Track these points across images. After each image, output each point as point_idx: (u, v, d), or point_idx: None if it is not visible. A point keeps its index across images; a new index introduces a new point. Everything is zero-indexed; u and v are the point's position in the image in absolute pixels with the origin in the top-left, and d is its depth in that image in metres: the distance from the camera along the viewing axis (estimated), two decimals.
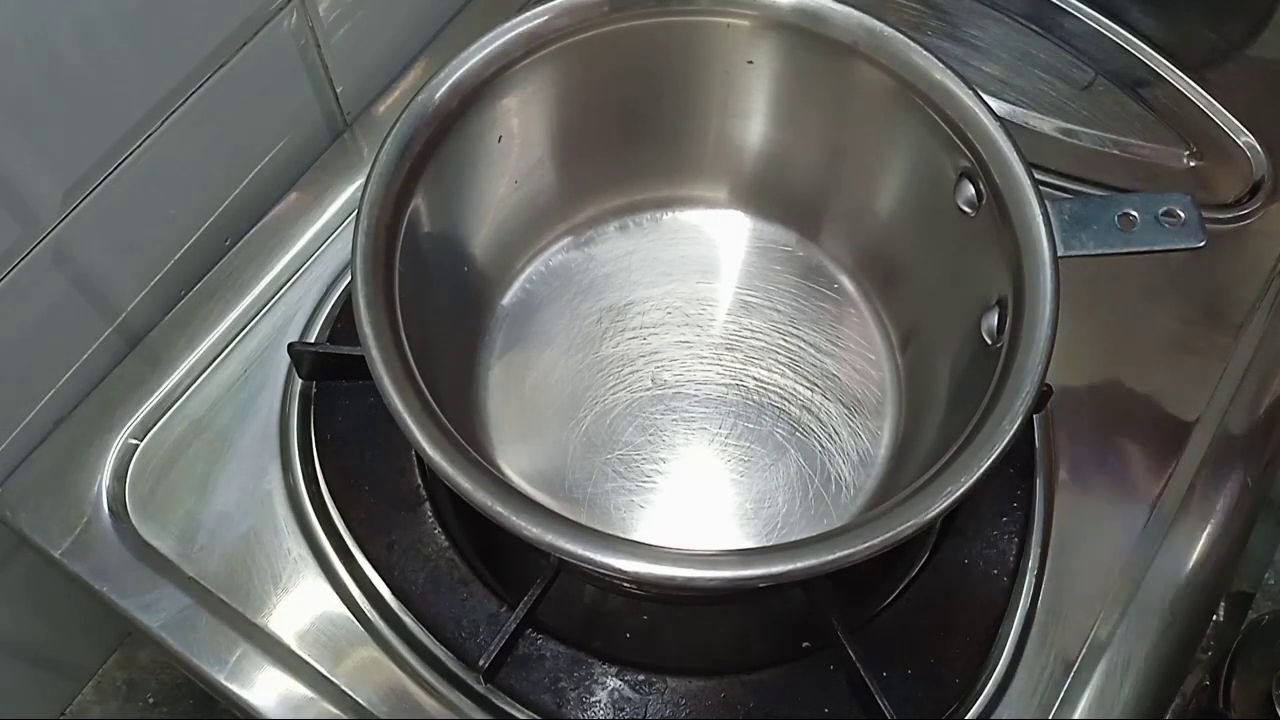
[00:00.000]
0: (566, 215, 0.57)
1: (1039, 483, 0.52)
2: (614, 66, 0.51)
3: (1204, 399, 0.55)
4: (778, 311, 0.56)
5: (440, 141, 0.46)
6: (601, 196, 0.57)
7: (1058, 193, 0.60)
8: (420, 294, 0.46)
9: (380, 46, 0.62)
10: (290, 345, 0.52)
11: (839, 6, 0.47)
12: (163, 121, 0.50)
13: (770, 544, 0.41)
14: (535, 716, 0.46)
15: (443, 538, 0.49)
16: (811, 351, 0.55)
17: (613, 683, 0.46)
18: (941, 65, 0.46)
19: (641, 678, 0.46)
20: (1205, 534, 0.52)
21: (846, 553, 0.37)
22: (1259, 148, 0.63)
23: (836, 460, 0.53)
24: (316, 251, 0.57)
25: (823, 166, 0.54)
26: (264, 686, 0.48)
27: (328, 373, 0.52)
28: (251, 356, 0.54)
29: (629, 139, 0.55)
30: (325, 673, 0.48)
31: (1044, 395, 0.48)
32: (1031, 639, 0.49)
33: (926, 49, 0.46)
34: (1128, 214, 0.44)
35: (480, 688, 0.47)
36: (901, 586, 0.49)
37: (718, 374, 0.54)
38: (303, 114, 0.59)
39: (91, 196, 0.49)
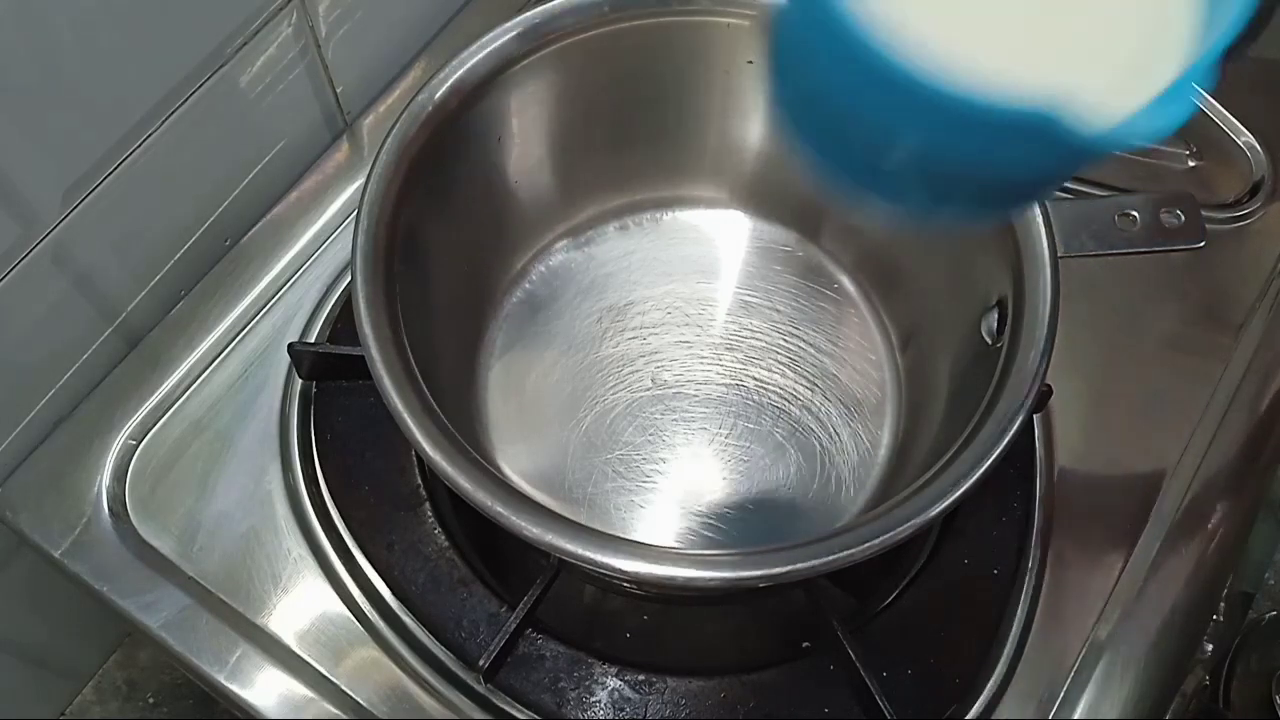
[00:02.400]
0: (566, 215, 0.57)
1: (1039, 483, 0.52)
2: (614, 66, 0.51)
3: (1204, 399, 0.55)
4: (778, 311, 0.56)
5: (440, 141, 0.46)
6: (601, 196, 0.57)
7: (1058, 192, 0.60)
8: (420, 294, 0.46)
9: (380, 46, 0.62)
10: (290, 345, 0.52)
11: None
12: (163, 121, 0.50)
13: (770, 544, 0.41)
14: (535, 716, 0.46)
15: (443, 538, 0.49)
16: (811, 351, 0.55)
17: (613, 683, 0.46)
18: None
19: (641, 678, 0.46)
20: (1205, 534, 0.52)
21: (846, 553, 0.37)
22: (1259, 148, 0.63)
23: (836, 460, 0.53)
24: (316, 251, 0.57)
25: None
26: (264, 686, 0.48)
27: (328, 373, 0.52)
28: (251, 356, 0.54)
29: (629, 139, 0.55)
30: (325, 673, 0.48)
31: (1044, 395, 0.48)
32: (1031, 639, 0.49)
33: None
34: (1128, 214, 0.44)
35: (480, 688, 0.47)
36: (901, 586, 0.49)
37: (718, 374, 0.54)
38: (303, 114, 0.59)
39: (91, 196, 0.49)
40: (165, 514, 0.51)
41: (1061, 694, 0.48)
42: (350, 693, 0.47)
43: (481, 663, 0.45)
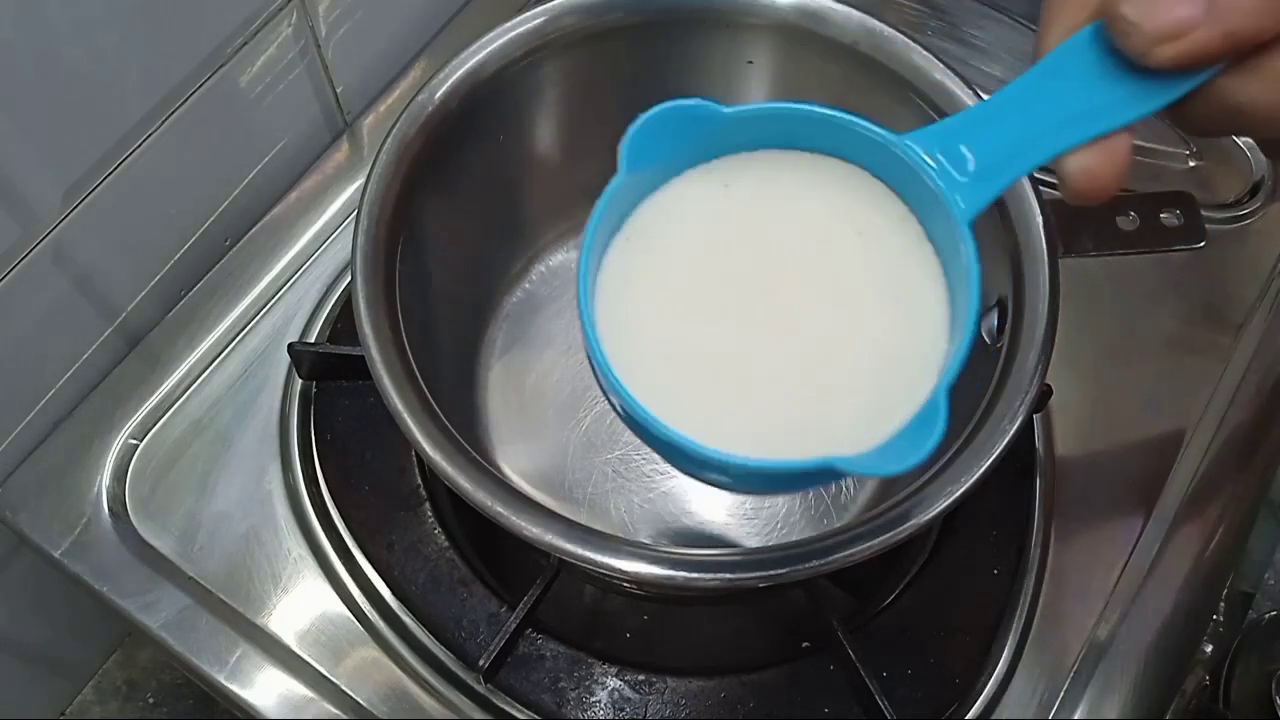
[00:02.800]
0: (566, 215, 0.57)
1: (1039, 483, 0.52)
2: (614, 66, 0.51)
3: (1204, 399, 0.55)
4: None
5: (440, 141, 0.46)
6: None
7: (1058, 193, 0.60)
8: (420, 294, 0.46)
9: (380, 46, 0.62)
10: (290, 345, 0.52)
11: (839, 6, 0.47)
12: (163, 121, 0.50)
13: (770, 544, 0.41)
14: (535, 716, 0.46)
15: (443, 538, 0.49)
16: None
17: (613, 683, 0.46)
18: (941, 65, 0.46)
19: (641, 678, 0.46)
20: (1205, 534, 0.52)
21: (846, 553, 0.37)
22: (1259, 147, 0.63)
23: None
24: (316, 251, 0.57)
25: None
26: (264, 686, 0.48)
27: (328, 373, 0.52)
28: (251, 356, 0.54)
29: None
30: (325, 673, 0.48)
31: (1044, 395, 0.48)
32: (1031, 639, 0.49)
33: (926, 49, 0.46)
34: (1128, 214, 0.44)
35: (480, 688, 0.47)
36: (901, 586, 0.49)
37: None
38: (303, 114, 0.59)
39: (91, 196, 0.49)
40: (165, 514, 0.51)
41: (1061, 694, 0.48)
42: (350, 693, 0.47)
43: (481, 663, 0.45)
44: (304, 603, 0.49)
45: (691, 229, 0.33)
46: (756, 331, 0.32)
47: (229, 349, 0.55)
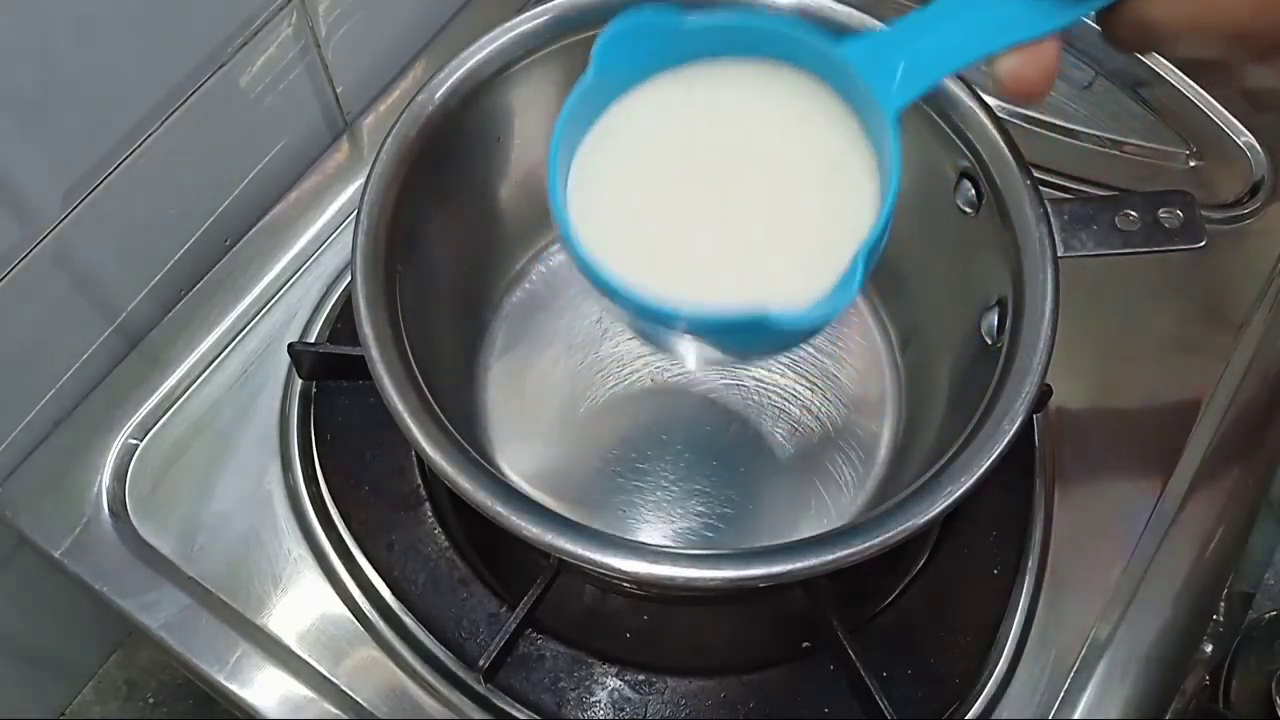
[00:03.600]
0: None
1: (1039, 483, 0.52)
2: None
3: (1204, 399, 0.55)
4: None
5: (440, 141, 0.46)
6: None
7: (1058, 193, 0.60)
8: (420, 294, 0.46)
9: (380, 46, 0.62)
10: (290, 345, 0.52)
11: (839, 6, 0.47)
12: (163, 121, 0.50)
13: (770, 544, 0.41)
14: (535, 716, 0.46)
15: (443, 538, 0.49)
16: (811, 351, 0.55)
17: (613, 683, 0.46)
18: None
19: (641, 678, 0.46)
20: (1205, 534, 0.52)
21: (846, 553, 0.37)
22: (1259, 148, 0.63)
23: (836, 460, 0.53)
24: (316, 251, 0.57)
25: None
26: (264, 686, 0.48)
27: (328, 373, 0.52)
28: (251, 356, 0.54)
29: None
30: (325, 673, 0.48)
31: (1044, 395, 0.48)
32: (1031, 639, 0.49)
33: None
34: (1128, 214, 0.44)
35: (480, 688, 0.47)
36: (901, 586, 0.49)
37: (718, 374, 0.54)
38: (303, 114, 0.59)
39: (91, 196, 0.49)
40: (165, 514, 0.51)
41: (1061, 694, 0.48)
42: (350, 693, 0.47)
43: (481, 663, 0.45)
44: (304, 603, 0.49)
45: (656, 125, 0.37)
46: (709, 211, 0.36)
47: (229, 349, 0.55)
